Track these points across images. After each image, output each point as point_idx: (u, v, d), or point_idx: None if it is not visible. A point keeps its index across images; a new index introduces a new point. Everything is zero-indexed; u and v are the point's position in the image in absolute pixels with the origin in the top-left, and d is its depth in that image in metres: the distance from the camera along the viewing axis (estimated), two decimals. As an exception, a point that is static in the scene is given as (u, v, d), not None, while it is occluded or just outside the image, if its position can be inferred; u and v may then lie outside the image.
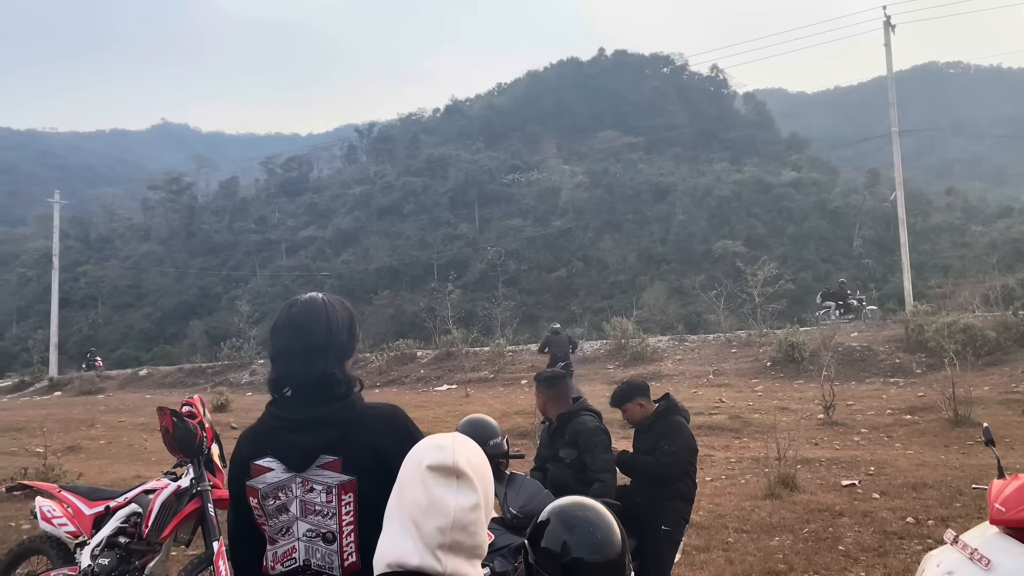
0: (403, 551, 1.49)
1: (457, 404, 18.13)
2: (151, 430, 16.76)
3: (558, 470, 4.38)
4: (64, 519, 4.40)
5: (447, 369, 25.20)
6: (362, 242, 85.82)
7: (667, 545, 4.59)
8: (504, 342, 27.26)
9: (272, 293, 78.76)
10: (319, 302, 2.04)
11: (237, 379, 29.12)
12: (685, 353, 23.40)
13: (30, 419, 19.62)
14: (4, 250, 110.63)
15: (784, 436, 9.07)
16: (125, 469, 11.44)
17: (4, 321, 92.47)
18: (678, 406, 5.02)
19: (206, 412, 4.44)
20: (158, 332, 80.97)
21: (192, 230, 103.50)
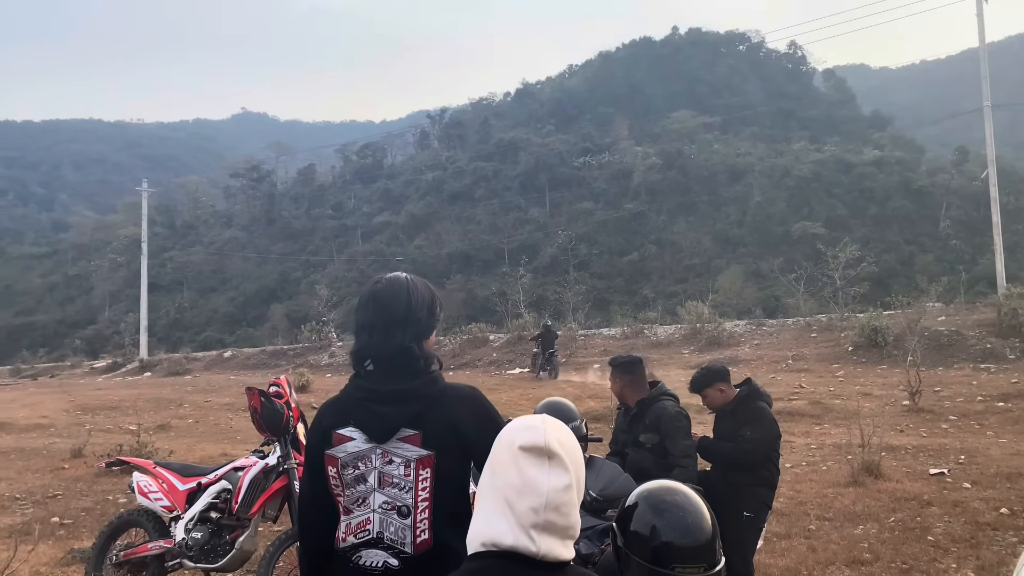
0: (497, 530, 1.51)
1: (529, 388, 18.21)
2: (236, 410, 17.39)
3: (638, 455, 4.34)
4: (159, 494, 4.60)
5: (519, 353, 25.30)
6: (434, 227, 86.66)
7: (749, 531, 4.53)
8: (576, 326, 27.20)
9: (349, 278, 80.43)
10: (402, 280, 2.09)
11: (317, 361, 29.87)
12: (763, 338, 22.93)
13: (123, 398, 20.58)
14: (97, 237, 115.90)
15: (867, 422, 8.81)
16: (212, 447, 11.88)
17: (97, 305, 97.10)
18: (760, 391, 4.92)
19: (292, 392, 4.56)
20: (241, 315, 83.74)
21: (272, 216, 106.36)
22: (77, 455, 10.83)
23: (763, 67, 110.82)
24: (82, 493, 8.55)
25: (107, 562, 4.62)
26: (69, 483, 9.14)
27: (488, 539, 1.52)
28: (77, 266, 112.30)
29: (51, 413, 17.73)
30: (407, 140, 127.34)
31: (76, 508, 7.81)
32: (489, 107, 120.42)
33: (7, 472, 10.05)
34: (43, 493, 8.60)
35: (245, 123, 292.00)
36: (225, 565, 4.33)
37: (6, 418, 16.07)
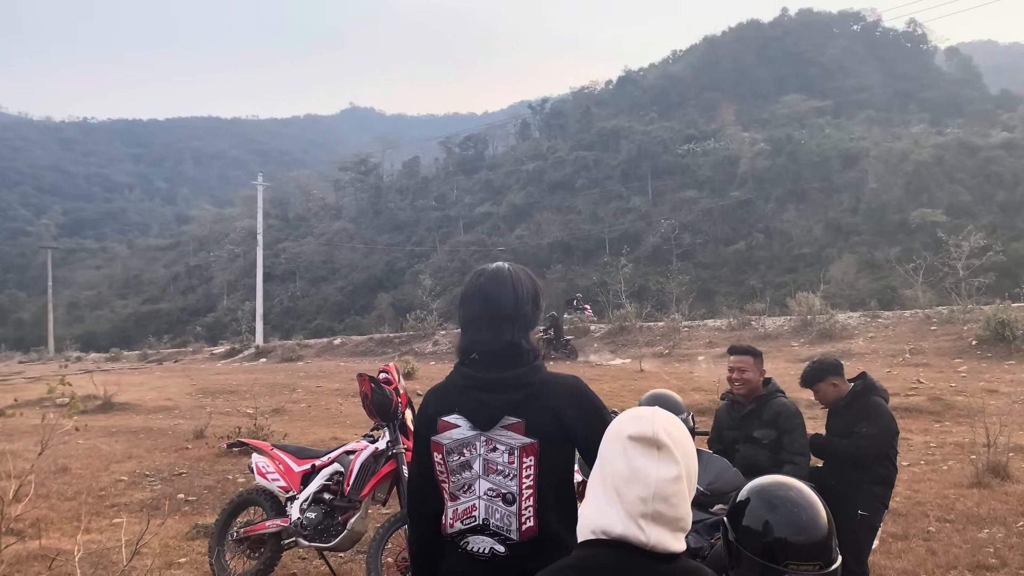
0: (607, 519, 1.51)
1: (631, 379, 18.03)
2: (345, 395, 17.98)
3: (751, 451, 4.27)
4: (276, 475, 4.82)
5: (620, 343, 25.08)
6: (535, 217, 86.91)
7: (864, 531, 4.36)
8: (680, 317, 26.74)
9: (451, 267, 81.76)
10: (505, 273, 2.10)
11: (422, 349, 30.50)
12: (878, 330, 21.90)
13: (241, 383, 21.61)
14: (215, 229, 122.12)
15: (994, 421, 8.29)
16: (324, 431, 12.33)
17: (216, 294, 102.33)
18: (876, 386, 4.72)
19: (400, 379, 4.68)
20: (349, 304, 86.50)
21: (378, 208, 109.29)
22: (199, 436, 11.44)
23: (879, 47, 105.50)
24: (204, 472, 9.04)
25: (228, 538, 4.88)
26: (192, 462, 9.68)
27: (598, 527, 1.53)
28: (198, 257, 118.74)
29: (175, 396, 18.83)
30: (508, 131, 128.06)
31: (199, 486, 8.28)
32: (590, 96, 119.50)
33: (137, 450, 10.74)
34: (169, 471, 9.14)
35: (353, 118, 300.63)
36: (337, 545, 4.50)
37: (135, 400, 17.15)
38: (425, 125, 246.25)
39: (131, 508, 7.30)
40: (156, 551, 5.38)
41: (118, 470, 9.22)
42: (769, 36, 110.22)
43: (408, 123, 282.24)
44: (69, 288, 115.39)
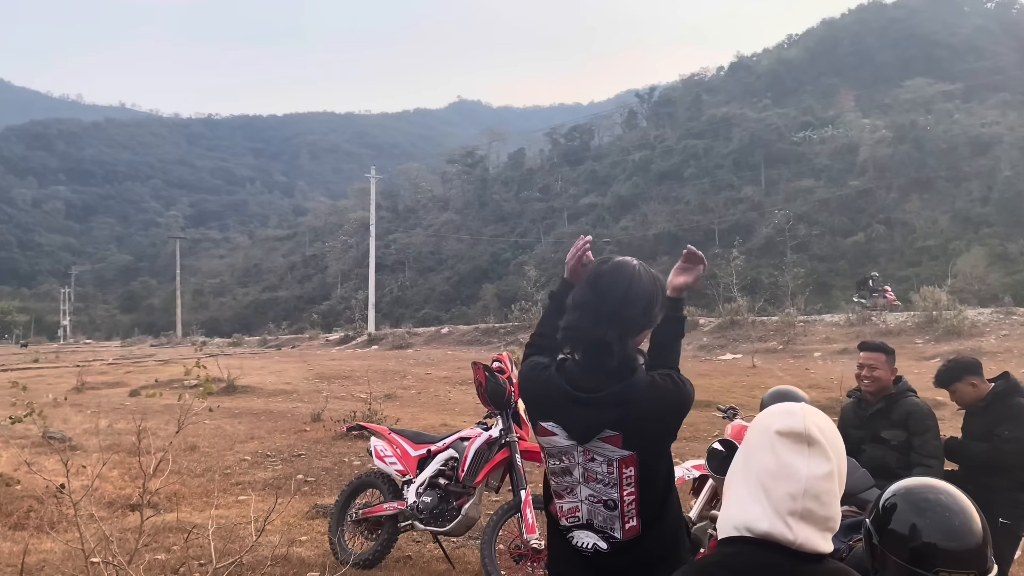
0: (752, 516, 1.46)
1: (743, 375, 17.56)
2: (453, 383, 18.32)
3: (878, 451, 4.08)
4: (394, 459, 4.94)
5: (731, 338, 24.48)
6: (641, 208, 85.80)
7: (1006, 540, 4.08)
8: (795, 312, 25.82)
9: (555, 259, 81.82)
10: (627, 269, 2.02)
11: (526, 339, 30.72)
12: (1012, 328, 20.50)
13: (354, 368, 22.36)
14: (330, 221, 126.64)
15: None
16: (433, 417, 12.58)
17: (330, 283, 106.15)
18: (1020, 386, 4.40)
19: (514, 368, 4.70)
20: (455, 294, 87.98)
21: (484, 200, 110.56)
22: (316, 419, 11.88)
23: (1016, 25, 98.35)
24: (322, 454, 9.38)
25: (348, 518, 5.04)
26: (310, 444, 10.06)
27: (741, 523, 1.48)
28: (313, 247, 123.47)
29: (293, 380, 19.65)
30: (614, 121, 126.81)
31: (317, 467, 8.59)
32: (701, 83, 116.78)
33: (259, 431, 11.25)
34: (289, 452, 9.53)
35: (460, 111, 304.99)
36: (452, 530, 4.57)
37: (256, 383, 18.00)
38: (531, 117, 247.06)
39: (255, 487, 7.64)
40: (279, 528, 5.61)
41: (242, 450, 9.68)
42: (893, 17, 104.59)
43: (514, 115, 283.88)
44: (195, 276, 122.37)
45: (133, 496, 6.99)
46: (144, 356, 36.24)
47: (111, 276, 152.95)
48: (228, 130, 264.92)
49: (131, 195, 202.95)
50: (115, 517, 6.15)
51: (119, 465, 8.00)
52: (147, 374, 21.98)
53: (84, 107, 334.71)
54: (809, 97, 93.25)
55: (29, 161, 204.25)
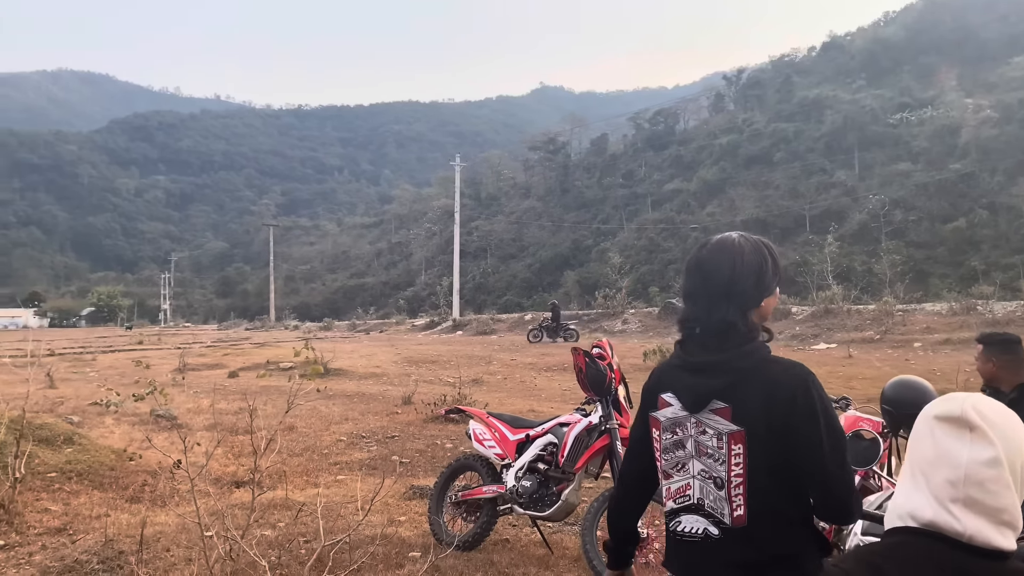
0: (915, 504, 1.40)
1: (839, 364, 16.98)
2: (539, 369, 18.36)
3: None
4: (493, 442, 4.95)
5: (825, 327, 23.69)
6: (728, 193, 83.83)
7: None
8: (893, 300, 24.80)
9: (639, 246, 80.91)
10: (729, 244, 1.99)
11: (611, 327, 30.51)
12: None
13: (441, 353, 22.68)
14: (415, 208, 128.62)
15: None
16: (520, 403, 12.62)
17: (415, 269, 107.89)
18: None
19: (614, 355, 4.64)
20: (537, 281, 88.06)
21: (566, 186, 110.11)
22: (407, 402, 12.09)
23: None
24: (414, 436, 9.53)
25: (447, 500, 5.09)
26: (403, 427, 10.24)
27: (906, 512, 1.42)
28: (399, 234, 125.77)
29: (383, 364, 20.06)
30: (700, 104, 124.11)
31: (411, 449, 8.73)
32: (791, 64, 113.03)
33: (353, 413, 11.52)
34: (383, 434, 9.72)
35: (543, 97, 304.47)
36: (551, 515, 4.55)
37: (348, 366, 18.45)
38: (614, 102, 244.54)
39: (352, 467, 7.82)
40: (378, 508, 5.72)
41: (337, 431, 9.93)
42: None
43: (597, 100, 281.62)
44: (287, 262, 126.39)
45: (237, 473, 7.26)
46: (240, 339, 37.64)
47: (208, 262, 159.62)
48: (317, 120, 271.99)
49: (226, 184, 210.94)
50: (222, 493, 6.39)
51: (223, 443, 8.32)
52: (244, 357, 22.82)
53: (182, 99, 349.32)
54: (907, 77, 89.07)
55: (132, 152, 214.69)
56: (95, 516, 5.55)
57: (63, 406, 11.41)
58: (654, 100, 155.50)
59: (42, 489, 5.97)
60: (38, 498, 5.79)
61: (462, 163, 54.57)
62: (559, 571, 4.46)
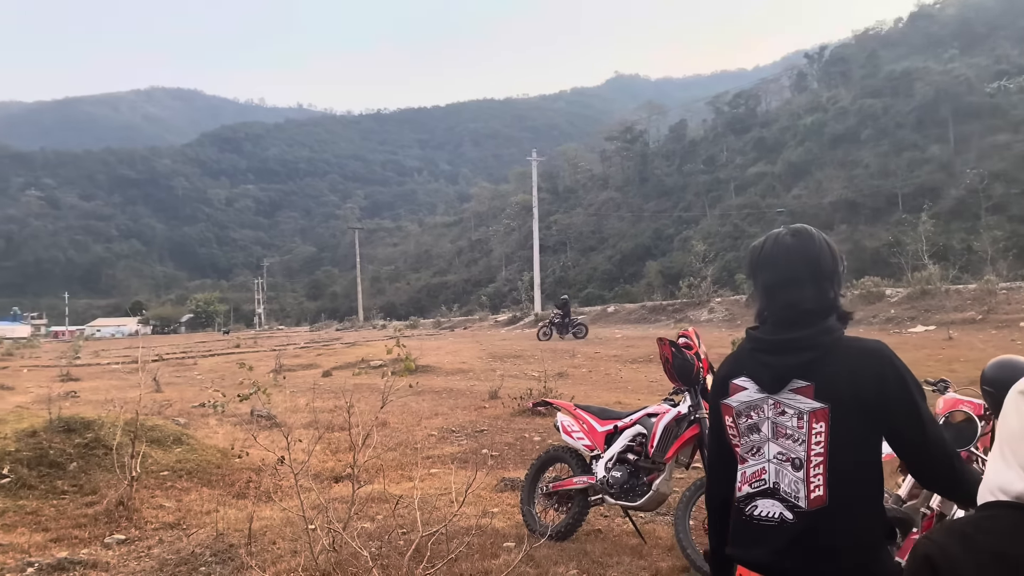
0: (1005, 478, 1.39)
1: (938, 348, 16.29)
2: (624, 361, 18.28)
3: None
4: (581, 434, 5.00)
5: (922, 309, 22.75)
6: (814, 175, 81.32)
7: None
8: (996, 278, 23.61)
9: (722, 232, 79.26)
10: (803, 232, 2.00)
11: (696, 316, 30.06)
12: None
13: (524, 348, 22.83)
14: (493, 205, 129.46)
15: None
16: (607, 395, 12.61)
17: (495, 265, 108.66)
18: None
19: (701, 344, 4.62)
20: (618, 272, 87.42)
21: (645, 175, 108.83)
22: (494, 397, 12.25)
23: None
24: (503, 430, 9.66)
25: (538, 491, 5.17)
26: (491, 420, 10.39)
27: (996, 486, 1.41)
28: (478, 231, 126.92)
29: (468, 359, 20.33)
30: (782, 84, 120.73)
31: (500, 442, 8.86)
32: (876, 38, 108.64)
33: (442, 408, 11.76)
34: (472, 428, 9.89)
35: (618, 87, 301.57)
36: (643, 504, 4.57)
37: (435, 363, 18.79)
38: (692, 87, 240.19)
39: (443, 460, 8.00)
40: (471, 500, 5.85)
41: (428, 426, 10.16)
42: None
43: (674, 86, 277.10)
44: (372, 263, 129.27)
45: (336, 468, 7.53)
46: (331, 339, 38.74)
47: (297, 266, 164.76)
48: (396, 124, 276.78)
49: (311, 190, 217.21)
50: (323, 488, 6.64)
51: (320, 440, 8.63)
52: (336, 356, 23.50)
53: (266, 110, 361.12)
54: (1005, 43, 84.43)
55: (222, 163, 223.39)
56: (205, 511, 5.86)
57: (170, 409, 12.03)
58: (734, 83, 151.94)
59: (156, 487, 6.34)
60: (153, 495, 6.15)
61: (538, 158, 54.60)
62: (653, 560, 4.47)
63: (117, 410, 7.08)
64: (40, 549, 5.00)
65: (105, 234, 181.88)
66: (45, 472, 6.19)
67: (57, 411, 7.11)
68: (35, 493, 5.95)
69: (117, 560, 4.82)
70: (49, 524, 5.48)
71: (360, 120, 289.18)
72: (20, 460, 6.23)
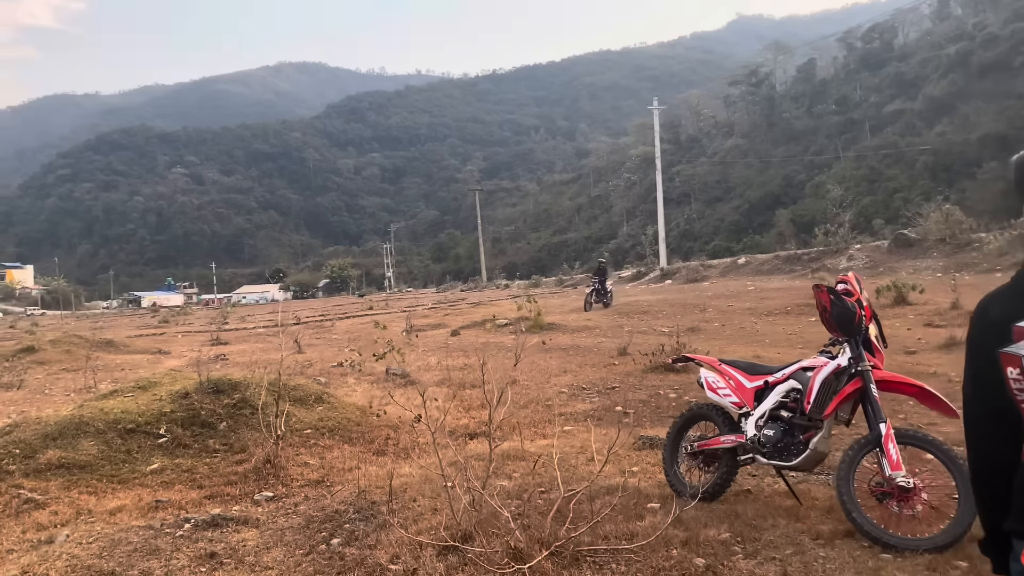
0: None
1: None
2: (759, 314, 17.53)
3: None
4: (728, 390, 4.69)
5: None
6: (960, 109, 75.20)
7: None
8: None
9: (858, 176, 74.88)
10: None
11: (834, 265, 28.53)
12: None
13: (651, 303, 22.34)
14: (612, 159, 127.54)
15: None
16: (743, 349, 12.09)
17: (616, 221, 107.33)
18: None
19: (863, 290, 4.20)
20: (746, 223, 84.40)
21: (772, 120, 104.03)
22: (623, 353, 11.98)
23: None
24: (635, 387, 9.41)
25: (682, 451, 4.91)
26: (622, 377, 10.15)
27: None
28: (597, 187, 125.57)
29: (594, 317, 20.10)
30: (921, 13, 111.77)
31: (633, 399, 8.61)
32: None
33: (571, 366, 11.61)
34: (603, 385, 9.69)
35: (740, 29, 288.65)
36: (799, 464, 4.24)
37: (560, 320, 18.67)
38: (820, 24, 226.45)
39: (576, 418, 7.86)
40: (609, 459, 5.68)
41: (557, 383, 10.04)
42: None
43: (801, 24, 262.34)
44: (492, 224, 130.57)
45: (470, 426, 7.53)
46: (457, 300, 39.44)
47: (422, 230, 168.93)
48: (512, 83, 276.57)
49: (432, 155, 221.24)
50: (457, 445, 6.64)
51: (452, 398, 8.68)
52: (463, 316, 23.84)
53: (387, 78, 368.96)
54: None
55: (348, 134, 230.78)
56: (347, 468, 5.97)
57: (311, 369, 12.49)
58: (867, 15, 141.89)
59: (300, 445, 6.51)
60: (298, 453, 6.32)
61: (659, 106, 52.96)
62: (811, 523, 4.15)
63: (262, 371, 7.33)
64: (196, 506, 5.22)
65: (245, 206, 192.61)
66: (198, 432, 6.48)
67: (207, 373, 7.43)
68: (189, 452, 6.24)
69: (266, 516, 4.95)
70: (203, 481, 5.73)
71: (477, 82, 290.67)
72: (175, 420, 6.55)
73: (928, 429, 5.79)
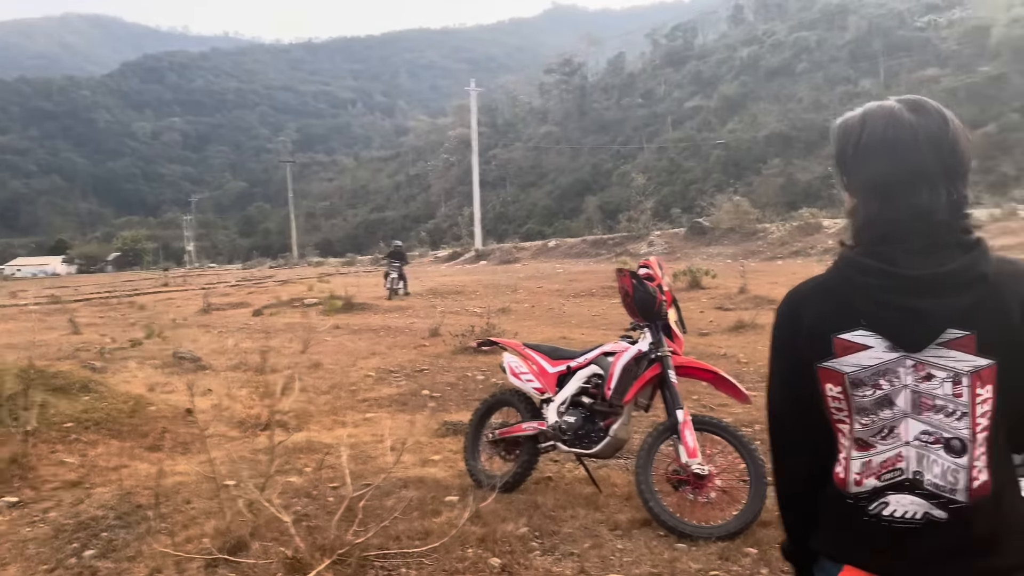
0: None
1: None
2: (567, 296, 17.97)
3: None
4: (530, 376, 4.54)
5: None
6: (749, 108, 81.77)
7: None
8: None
9: (659, 167, 79.43)
10: (926, 106, 1.35)
11: (636, 250, 29.98)
12: None
13: (465, 284, 22.34)
14: (431, 139, 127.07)
15: None
16: (551, 330, 12.25)
17: (434, 201, 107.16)
18: None
19: (665, 274, 4.18)
20: (557, 208, 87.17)
21: (584, 109, 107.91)
22: (434, 334, 11.77)
23: None
24: (444, 369, 9.20)
25: (483, 439, 4.72)
26: (431, 359, 9.91)
27: None
28: (416, 166, 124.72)
29: (406, 297, 19.78)
30: (720, 17, 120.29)
31: (441, 383, 8.39)
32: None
33: (380, 347, 11.22)
34: (411, 368, 9.40)
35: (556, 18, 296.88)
36: (600, 451, 4.17)
37: (372, 300, 18.17)
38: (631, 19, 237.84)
39: (381, 403, 7.52)
40: (411, 447, 5.40)
41: (365, 366, 9.62)
42: None
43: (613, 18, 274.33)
44: (306, 199, 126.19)
45: (263, 415, 6.97)
46: (264, 277, 37.60)
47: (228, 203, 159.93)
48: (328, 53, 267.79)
49: (241, 123, 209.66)
50: (246, 437, 6.10)
51: (247, 384, 8.04)
52: (268, 294, 22.66)
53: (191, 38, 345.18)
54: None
55: (145, 95, 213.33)
56: (112, 467, 5.27)
57: (87, 353, 11.23)
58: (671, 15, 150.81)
59: (57, 441, 5.69)
60: (53, 450, 5.51)
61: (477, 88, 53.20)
62: (610, 512, 4.09)
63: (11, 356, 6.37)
64: (-89, 519, 4.37)
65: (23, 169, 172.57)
66: (-76, 429, 5.49)
67: (-58, 359, 6.35)
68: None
69: (7, 526, 4.23)
70: (-75, 489, 4.83)
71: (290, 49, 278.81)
72: None
73: (719, 411, 6.00)
